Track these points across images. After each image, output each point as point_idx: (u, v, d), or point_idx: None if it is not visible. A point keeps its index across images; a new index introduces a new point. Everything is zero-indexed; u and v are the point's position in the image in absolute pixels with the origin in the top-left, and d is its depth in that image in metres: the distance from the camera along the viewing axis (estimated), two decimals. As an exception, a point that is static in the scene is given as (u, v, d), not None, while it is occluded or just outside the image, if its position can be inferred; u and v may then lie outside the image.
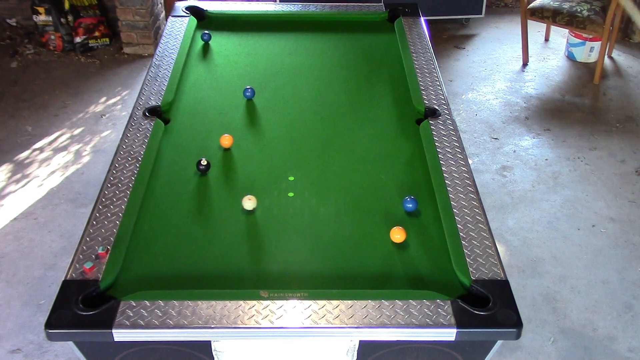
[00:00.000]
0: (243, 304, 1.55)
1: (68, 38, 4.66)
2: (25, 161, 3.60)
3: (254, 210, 1.93)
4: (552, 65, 4.70)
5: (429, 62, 2.71)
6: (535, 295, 2.78)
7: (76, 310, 1.50)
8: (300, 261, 1.77)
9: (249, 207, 1.92)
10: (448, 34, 5.14)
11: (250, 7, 3.20)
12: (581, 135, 3.90)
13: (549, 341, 2.58)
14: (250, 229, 1.87)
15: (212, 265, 1.74)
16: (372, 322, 1.51)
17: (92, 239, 1.75)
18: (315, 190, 2.03)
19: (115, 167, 2.04)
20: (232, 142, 2.22)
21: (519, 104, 4.22)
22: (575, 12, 4.33)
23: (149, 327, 1.49)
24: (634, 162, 3.66)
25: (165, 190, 2.02)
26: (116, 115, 4.02)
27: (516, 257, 2.99)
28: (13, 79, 4.40)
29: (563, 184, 3.47)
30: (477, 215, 1.85)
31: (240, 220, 1.90)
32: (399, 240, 1.80)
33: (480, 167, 3.60)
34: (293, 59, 2.83)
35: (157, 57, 2.70)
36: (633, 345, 2.57)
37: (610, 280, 2.87)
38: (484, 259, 1.70)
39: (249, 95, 2.50)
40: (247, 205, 1.91)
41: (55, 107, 4.09)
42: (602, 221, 3.21)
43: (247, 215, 1.92)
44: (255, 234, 1.85)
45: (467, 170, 2.05)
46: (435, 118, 2.31)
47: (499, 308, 1.53)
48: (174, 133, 2.30)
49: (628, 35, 5.03)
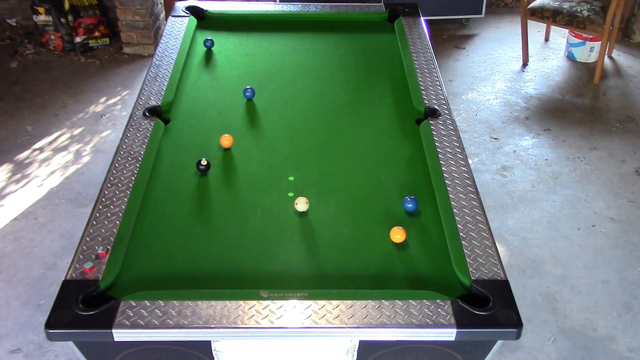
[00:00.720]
0: (243, 304, 1.55)
1: (68, 38, 4.66)
2: (25, 161, 3.60)
3: (306, 212, 1.92)
4: (552, 65, 4.70)
5: (429, 62, 2.71)
6: (535, 295, 2.79)
7: (76, 310, 1.50)
8: (300, 261, 1.77)
9: (301, 208, 1.91)
10: (448, 34, 5.14)
11: (250, 7, 3.20)
12: (581, 135, 3.90)
13: (549, 341, 2.58)
14: (250, 229, 1.87)
15: (212, 265, 1.74)
16: (372, 322, 1.51)
17: (92, 239, 1.75)
18: (315, 191, 2.03)
19: (115, 167, 2.04)
20: (232, 142, 2.22)
21: (519, 104, 4.22)
22: (575, 12, 4.33)
23: (149, 327, 1.49)
24: (634, 162, 3.66)
25: (165, 190, 2.02)
26: (116, 115, 4.02)
27: (516, 257, 2.99)
28: (13, 79, 4.40)
29: (563, 184, 3.47)
30: (477, 215, 1.85)
31: (240, 221, 1.90)
32: (399, 240, 1.80)
33: (480, 167, 3.60)
34: (293, 59, 2.83)
35: (157, 57, 2.70)
36: (633, 345, 2.57)
37: (610, 280, 2.87)
38: (484, 259, 1.70)
39: (249, 95, 2.50)
40: (300, 207, 1.91)
41: (55, 107, 4.09)
42: (602, 221, 3.21)
43: (247, 215, 1.92)
44: (255, 234, 1.85)
45: (467, 170, 2.05)
46: (435, 118, 2.31)
47: (499, 308, 1.53)
48: (174, 133, 2.30)
49: (628, 35, 5.04)
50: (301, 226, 1.89)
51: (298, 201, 1.91)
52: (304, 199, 1.92)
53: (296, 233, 1.86)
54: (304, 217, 1.92)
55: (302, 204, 1.91)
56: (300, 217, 1.92)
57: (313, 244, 1.82)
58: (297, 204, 1.91)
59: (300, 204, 1.91)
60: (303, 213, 1.93)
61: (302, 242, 1.83)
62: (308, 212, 1.94)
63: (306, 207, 1.92)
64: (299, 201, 1.91)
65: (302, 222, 1.90)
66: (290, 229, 1.88)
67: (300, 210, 1.92)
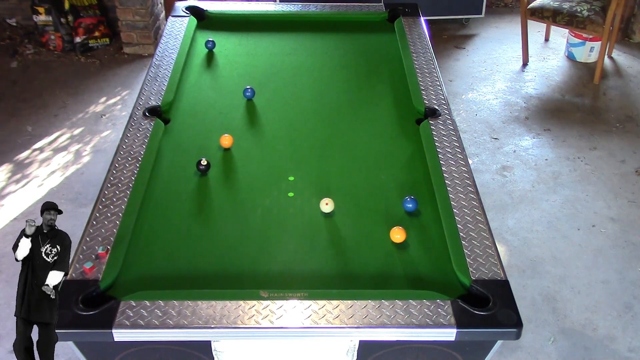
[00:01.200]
0: (243, 304, 1.55)
1: (68, 38, 4.66)
2: (25, 161, 3.60)
3: (332, 212, 1.91)
4: (552, 65, 4.70)
5: (429, 62, 2.71)
6: (535, 295, 2.78)
7: (76, 310, 1.50)
8: (300, 261, 1.77)
9: (327, 209, 1.91)
10: (448, 34, 5.14)
11: (250, 7, 3.20)
12: (581, 135, 3.89)
13: (549, 341, 2.58)
14: (250, 229, 1.87)
15: (212, 265, 1.74)
16: (372, 322, 1.51)
17: (92, 239, 1.75)
18: (315, 190, 2.02)
19: (115, 167, 2.04)
20: (232, 142, 2.22)
21: (519, 104, 4.22)
22: (575, 12, 4.33)
23: (149, 327, 1.49)
24: (634, 162, 3.66)
25: (165, 190, 2.02)
26: (116, 115, 4.01)
27: (516, 257, 2.99)
28: (13, 79, 4.39)
29: (563, 184, 3.47)
30: (477, 215, 1.85)
31: (240, 220, 1.90)
32: (399, 240, 1.80)
33: (480, 167, 3.59)
34: (293, 59, 2.83)
35: (157, 57, 2.70)
36: (633, 345, 2.57)
37: (610, 280, 2.87)
38: (484, 259, 1.70)
39: (249, 95, 2.50)
40: (325, 208, 1.90)
41: (55, 107, 4.09)
42: (602, 221, 3.21)
43: (247, 215, 1.92)
44: (255, 234, 1.85)
45: (467, 170, 2.05)
46: (435, 118, 2.31)
47: (499, 308, 1.53)
48: (174, 133, 2.30)
49: (628, 35, 5.03)
50: (301, 226, 1.89)
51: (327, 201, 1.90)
52: (329, 200, 1.91)
53: (296, 233, 1.86)
54: (304, 217, 1.92)
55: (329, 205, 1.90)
56: (300, 217, 1.92)
57: (313, 244, 1.82)
58: (327, 204, 1.90)
59: (329, 205, 1.90)
60: (328, 214, 1.91)
61: (302, 242, 1.83)
62: (307, 212, 1.93)
63: (331, 208, 1.91)
64: (328, 201, 1.90)
65: (302, 222, 1.90)
66: (290, 229, 1.88)
67: (326, 211, 1.91)
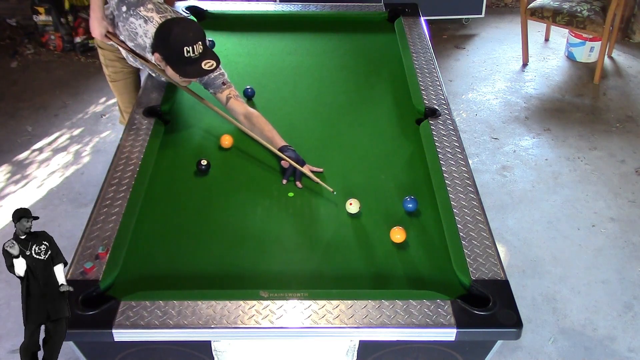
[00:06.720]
0: (243, 304, 1.55)
1: (68, 38, 4.66)
2: (25, 161, 3.60)
3: (358, 212, 1.91)
4: (552, 65, 4.70)
5: (429, 62, 2.71)
6: (535, 295, 2.78)
7: (76, 310, 1.50)
8: (300, 261, 1.77)
9: (352, 210, 1.90)
10: (448, 34, 5.14)
11: (250, 7, 3.20)
12: (581, 135, 3.89)
13: (549, 341, 2.58)
14: (250, 229, 1.87)
15: (212, 265, 1.74)
16: (372, 322, 1.51)
17: (92, 239, 1.75)
18: (315, 190, 2.03)
19: (115, 167, 2.03)
20: (232, 142, 2.22)
21: (519, 104, 4.22)
22: (575, 12, 4.33)
23: (149, 327, 1.49)
24: (634, 162, 3.66)
25: (165, 190, 2.02)
26: (116, 115, 4.01)
27: (516, 257, 2.99)
28: (13, 79, 4.40)
29: (563, 184, 3.47)
30: (477, 215, 1.85)
31: (240, 220, 1.90)
32: (399, 240, 1.80)
33: (480, 167, 3.59)
34: (293, 59, 2.83)
35: (157, 57, 2.69)
36: (633, 345, 2.57)
37: (610, 280, 2.87)
38: (484, 259, 1.70)
39: (249, 95, 2.50)
40: (350, 209, 1.90)
41: (55, 107, 4.09)
42: (602, 221, 3.21)
43: (247, 215, 1.92)
44: (255, 234, 1.85)
45: (467, 170, 2.05)
46: (435, 118, 2.31)
47: (499, 308, 1.53)
48: (174, 133, 2.30)
49: (628, 35, 5.04)
50: (301, 226, 1.89)
51: (351, 201, 1.90)
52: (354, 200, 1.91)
53: (296, 233, 1.86)
54: (304, 218, 1.92)
55: (354, 205, 1.90)
56: (300, 217, 1.92)
57: (313, 244, 1.82)
58: (351, 204, 1.90)
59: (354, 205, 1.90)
60: (355, 215, 1.91)
61: (302, 242, 1.83)
62: (307, 212, 1.93)
63: (356, 208, 1.90)
64: (352, 202, 1.90)
65: (301, 222, 1.90)
66: (290, 229, 1.88)
67: (351, 212, 1.91)
